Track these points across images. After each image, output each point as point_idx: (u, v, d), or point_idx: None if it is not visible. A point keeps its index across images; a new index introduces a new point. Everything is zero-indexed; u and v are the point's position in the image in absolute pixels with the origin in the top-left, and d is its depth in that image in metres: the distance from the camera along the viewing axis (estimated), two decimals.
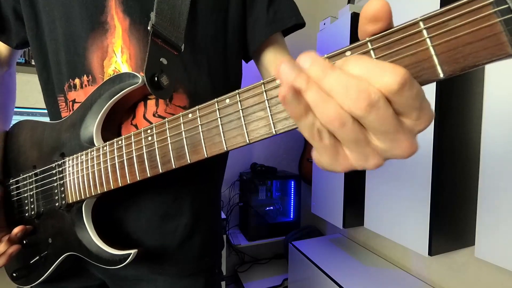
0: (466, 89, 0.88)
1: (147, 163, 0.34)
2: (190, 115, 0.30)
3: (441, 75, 0.18)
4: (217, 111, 0.28)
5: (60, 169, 0.43)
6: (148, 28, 0.40)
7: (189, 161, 0.31)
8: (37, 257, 0.46)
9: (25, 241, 0.45)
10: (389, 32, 0.19)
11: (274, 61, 0.52)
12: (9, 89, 0.57)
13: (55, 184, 0.43)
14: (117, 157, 0.37)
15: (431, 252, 0.89)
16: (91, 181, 0.39)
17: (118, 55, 0.42)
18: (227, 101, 0.27)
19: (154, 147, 0.33)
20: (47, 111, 0.50)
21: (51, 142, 0.45)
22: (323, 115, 0.18)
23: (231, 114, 0.27)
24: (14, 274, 0.46)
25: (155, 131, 0.33)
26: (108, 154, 0.38)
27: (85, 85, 0.43)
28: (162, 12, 0.40)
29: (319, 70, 0.18)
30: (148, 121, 0.42)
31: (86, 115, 0.41)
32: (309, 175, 1.63)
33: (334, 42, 1.32)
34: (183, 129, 0.31)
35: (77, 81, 0.44)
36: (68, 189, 0.42)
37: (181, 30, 0.42)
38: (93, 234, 0.40)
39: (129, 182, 0.36)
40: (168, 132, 0.32)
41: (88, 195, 0.39)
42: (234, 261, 1.87)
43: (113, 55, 0.42)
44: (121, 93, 0.39)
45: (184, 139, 0.31)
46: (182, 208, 0.46)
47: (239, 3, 0.49)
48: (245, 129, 0.26)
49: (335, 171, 0.21)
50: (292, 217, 1.84)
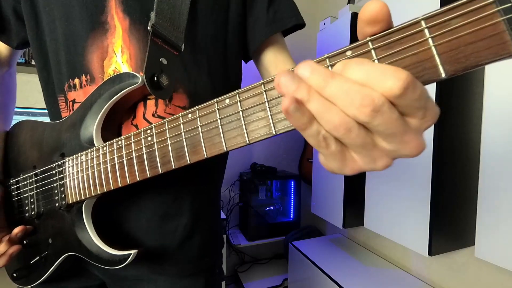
0: (466, 89, 0.88)
1: (146, 163, 0.34)
2: (190, 115, 0.30)
3: (443, 75, 0.18)
4: (216, 111, 0.28)
5: (60, 169, 0.43)
6: (148, 28, 0.39)
7: (189, 162, 0.30)
8: (37, 257, 0.46)
9: (26, 241, 0.45)
10: (390, 31, 0.19)
11: (274, 61, 0.52)
12: (10, 89, 0.57)
13: (55, 185, 0.43)
14: (116, 158, 0.37)
15: (431, 252, 0.89)
16: (91, 182, 0.39)
17: (118, 55, 0.42)
18: (226, 101, 0.27)
19: (154, 148, 0.33)
20: (48, 111, 0.50)
21: (51, 142, 0.45)
22: (328, 123, 0.18)
23: (231, 115, 0.27)
24: (15, 274, 0.46)
25: (154, 131, 0.33)
26: (108, 155, 0.37)
27: (84, 85, 0.43)
28: (162, 12, 0.40)
29: (319, 79, 0.18)
30: (148, 121, 0.42)
31: (86, 115, 0.41)
32: (309, 175, 1.63)
33: (334, 42, 1.32)
34: (182, 129, 0.31)
35: (76, 81, 0.44)
36: (68, 189, 0.42)
37: (181, 30, 0.42)
38: (93, 234, 0.40)
39: (129, 182, 0.36)
40: (168, 132, 0.32)
41: (88, 196, 0.39)
42: (234, 261, 1.87)
43: (113, 55, 0.42)
44: (121, 93, 0.39)
45: (184, 139, 0.31)
46: (182, 208, 0.46)
47: (239, 3, 0.49)
48: (245, 129, 0.26)
49: (344, 174, 0.21)
50: (292, 217, 1.84)
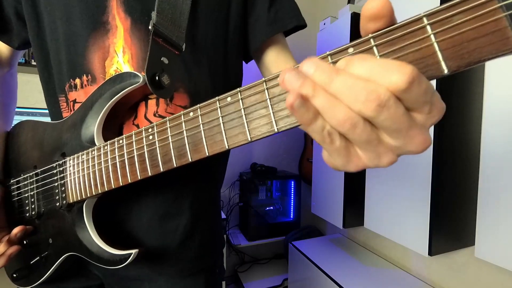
0: (466, 89, 0.88)
1: (148, 162, 0.34)
2: (191, 113, 0.30)
3: (445, 71, 0.18)
4: (218, 109, 0.28)
5: (61, 168, 0.42)
6: (149, 27, 0.40)
7: (190, 160, 0.30)
8: (37, 258, 0.45)
9: (26, 242, 0.45)
10: (392, 28, 0.19)
11: (276, 61, 0.52)
12: (11, 89, 0.57)
13: (56, 184, 0.43)
14: (118, 157, 0.37)
15: (431, 252, 0.89)
16: (92, 181, 0.39)
17: (120, 55, 0.42)
18: (228, 99, 0.27)
19: (155, 146, 0.33)
20: (48, 111, 0.50)
21: (52, 142, 0.45)
22: (333, 118, 0.18)
23: (232, 113, 0.27)
24: (15, 275, 0.46)
25: (156, 130, 0.33)
26: (109, 154, 0.37)
27: (85, 85, 0.43)
28: (163, 11, 0.40)
29: (324, 75, 0.18)
30: (149, 121, 0.42)
31: (87, 114, 0.41)
32: (309, 175, 1.63)
33: (334, 42, 1.33)
34: (184, 127, 0.31)
35: (77, 81, 0.44)
36: (69, 188, 0.41)
37: (182, 29, 0.42)
38: (93, 234, 0.40)
39: (130, 181, 0.36)
40: (169, 131, 0.32)
41: (89, 195, 0.39)
42: (234, 261, 1.87)
43: (114, 55, 0.42)
44: (122, 93, 0.39)
45: (186, 137, 0.31)
46: (182, 207, 0.46)
47: (240, 2, 0.49)
48: (246, 127, 0.26)
49: (348, 171, 0.21)
50: (292, 217, 1.84)
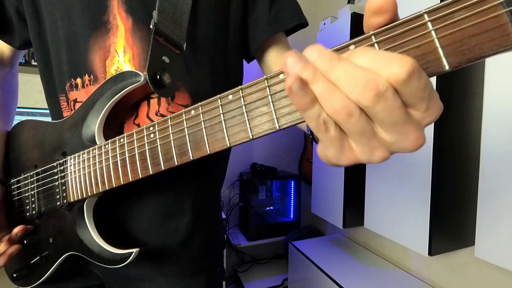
0: (466, 89, 0.88)
1: (149, 160, 0.34)
2: (193, 111, 0.30)
3: (446, 67, 0.18)
4: (219, 107, 0.28)
5: (62, 168, 0.42)
6: (150, 26, 0.40)
7: (191, 158, 0.30)
8: (37, 257, 0.45)
9: (26, 241, 0.45)
10: (393, 25, 0.19)
11: (277, 60, 0.52)
12: (12, 89, 0.57)
13: (57, 183, 0.43)
14: (119, 155, 0.37)
15: (431, 252, 0.89)
16: (93, 180, 0.39)
17: (121, 54, 0.42)
18: (230, 97, 0.27)
19: (157, 144, 0.33)
20: (49, 111, 0.50)
21: (52, 142, 0.45)
22: (329, 106, 0.18)
23: (234, 110, 0.27)
24: (15, 275, 0.45)
25: (157, 128, 0.33)
26: (110, 152, 0.37)
27: (87, 84, 0.43)
28: (164, 10, 0.40)
29: (326, 61, 0.18)
30: (151, 120, 0.42)
31: (88, 113, 0.41)
32: (309, 175, 1.63)
33: (334, 42, 1.32)
34: (185, 125, 0.31)
35: (78, 80, 0.44)
36: (70, 188, 0.41)
37: (183, 29, 0.42)
38: (94, 233, 0.40)
39: (131, 180, 0.36)
40: (171, 129, 0.32)
41: (90, 194, 0.39)
42: (234, 261, 1.87)
43: (115, 54, 0.42)
44: (123, 92, 0.39)
45: (187, 135, 0.31)
46: (183, 206, 0.46)
47: (241, 2, 0.49)
48: (248, 124, 0.26)
49: (339, 165, 0.21)
50: (292, 217, 1.84)
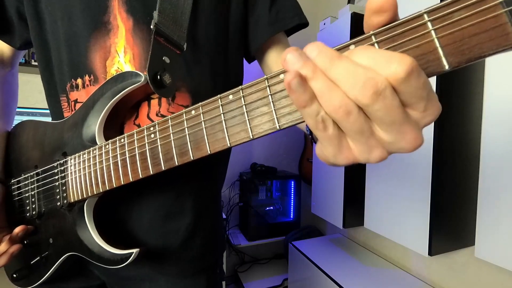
0: (466, 89, 0.88)
1: (149, 160, 0.34)
2: (193, 111, 0.30)
3: (446, 67, 0.18)
4: (220, 107, 0.28)
5: (62, 168, 0.42)
6: (151, 27, 0.40)
7: (192, 158, 0.30)
8: (37, 258, 0.45)
9: (26, 241, 0.45)
10: (393, 25, 0.19)
11: (277, 61, 0.52)
12: (12, 89, 0.57)
13: (57, 184, 0.43)
14: (119, 155, 0.37)
15: (431, 252, 0.89)
16: (93, 180, 0.39)
17: (121, 55, 0.42)
18: (230, 97, 0.27)
19: (157, 144, 0.33)
20: (50, 111, 0.50)
21: (53, 142, 0.45)
22: (328, 103, 0.18)
23: (234, 110, 0.27)
24: (15, 275, 0.45)
25: (158, 128, 0.33)
26: (111, 152, 0.37)
27: (87, 85, 0.43)
28: (165, 11, 0.40)
29: (326, 59, 0.18)
30: (151, 120, 0.42)
31: (89, 114, 0.41)
32: (309, 175, 1.63)
33: (334, 42, 1.32)
34: (186, 125, 0.31)
35: (79, 81, 0.44)
36: (70, 188, 0.41)
37: (184, 29, 0.42)
38: (94, 233, 0.40)
39: (131, 180, 0.36)
40: (171, 129, 0.32)
41: (90, 194, 0.39)
42: (234, 261, 1.87)
43: (115, 55, 0.42)
44: (123, 92, 0.39)
45: (187, 135, 0.31)
46: (184, 206, 0.46)
47: (241, 2, 0.49)
48: (248, 124, 0.26)
49: (337, 164, 0.21)
50: (292, 217, 1.84)
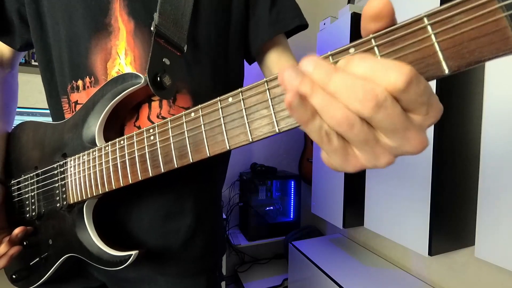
0: (466, 89, 0.88)
1: (149, 162, 0.34)
2: (193, 114, 0.30)
3: (446, 71, 0.18)
4: (219, 110, 0.28)
5: (62, 169, 0.42)
6: (151, 28, 0.40)
7: (191, 160, 0.31)
8: (37, 259, 0.45)
9: (26, 242, 0.45)
10: (393, 28, 0.19)
11: (277, 62, 0.52)
12: (12, 90, 0.57)
13: (57, 185, 0.43)
14: (119, 157, 0.37)
15: (431, 252, 0.89)
16: (93, 181, 0.39)
17: (122, 57, 0.42)
18: (229, 99, 0.27)
19: (156, 147, 0.33)
20: (50, 112, 0.50)
21: (53, 143, 0.45)
22: (330, 118, 0.18)
23: (234, 113, 0.27)
24: (14, 276, 0.45)
25: (157, 130, 0.33)
26: (110, 154, 0.37)
27: (88, 86, 0.43)
28: (165, 12, 0.40)
29: (322, 73, 0.18)
30: (152, 122, 0.42)
31: (89, 115, 0.41)
32: (309, 175, 1.63)
33: (334, 42, 1.33)
34: (185, 128, 0.31)
35: (80, 82, 0.44)
36: (70, 189, 0.41)
37: (184, 31, 0.42)
38: (93, 235, 0.40)
39: (131, 182, 0.36)
40: (171, 131, 0.32)
41: (90, 195, 0.39)
42: (234, 261, 1.87)
43: (116, 57, 0.42)
44: (123, 93, 0.39)
45: (187, 138, 0.31)
46: (184, 207, 0.46)
47: (242, 3, 0.49)
48: (248, 127, 0.26)
49: (346, 171, 0.21)
50: (292, 217, 1.84)
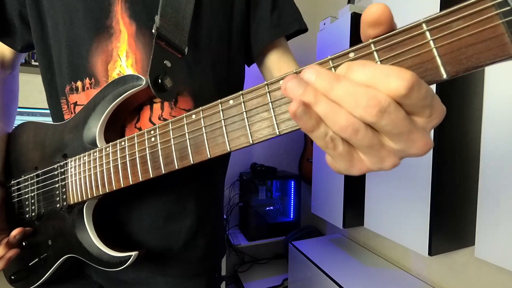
0: (466, 89, 0.88)
1: (150, 163, 0.34)
2: (194, 116, 0.30)
3: (444, 76, 0.18)
4: (220, 112, 0.28)
5: (62, 170, 0.43)
6: (153, 31, 0.40)
7: (192, 162, 0.31)
8: (36, 259, 0.45)
9: (25, 243, 0.45)
10: (392, 34, 0.19)
11: (278, 64, 0.52)
12: (12, 91, 0.57)
13: (57, 185, 0.43)
14: (119, 158, 0.37)
15: (431, 252, 0.89)
16: (93, 182, 0.39)
17: (123, 59, 0.42)
18: (230, 102, 0.27)
19: (157, 148, 0.33)
20: (50, 113, 0.50)
21: (53, 144, 0.45)
22: (335, 124, 0.19)
23: (234, 115, 0.27)
24: (13, 277, 0.45)
25: (158, 132, 0.34)
26: (111, 155, 0.38)
27: (87, 87, 0.43)
28: (167, 15, 0.41)
29: (325, 82, 0.18)
30: (153, 124, 0.42)
31: (89, 116, 0.41)
32: (309, 175, 1.63)
33: (334, 42, 1.33)
34: (186, 130, 0.31)
35: (79, 83, 0.44)
36: (70, 190, 0.42)
37: (185, 33, 0.42)
38: (93, 235, 0.40)
39: (131, 183, 0.36)
40: (172, 133, 0.32)
41: (90, 196, 0.39)
42: (234, 261, 1.87)
43: (117, 59, 0.42)
44: (124, 95, 0.39)
45: (188, 140, 0.31)
46: (186, 208, 0.46)
47: (243, 6, 0.49)
48: (248, 129, 0.26)
49: (351, 175, 0.22)
50: (292, 217, 1.84)
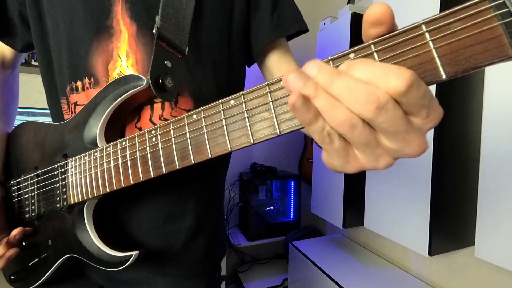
0: (466, 89, 0.88)
1: (150, 163, 0.34)
2: (195, 116, 0.30)
3: (443, 76, 0.18)
4: (221, 112, 0.28)
5: (63, 170, 0.43)
6: (153, 31, 0.40)
7: (193, 162, 0.31)
8: (36, 259, 0.45)
9: (25, 243, 0.45)
10: (392, 35, 0.20)
11: (278, 64, 0.52)
12: (13, 91, 0.57)
13: (57, 185, 0.43)
14: (120, 158, 0.37)
15: (431, 252, 0.89)
16: (94, 182, 0.39)
17: (123, 59, 0.42)
18: (231, 102, 0.27)
19: (158, 148, 0.33)
20: (50, 113, 0.50)
21: (54, 143, 0.45)
22: (332, 119, 0.19)
23: (235, 115, 0.27)
24: (13, 277, 0.45)
25: (159, 131, 0.34)
26: (112, 155, 0.38)
27: (87, 87, 0.44)
28: (167, 15, 0.41)
29: (326, 76, 0.19)
30: (154, 124, 0.43)
31: (90, 116, 0.41)
32: (309, 175, 1.63)
33: (334, 42, 1.33)
34: (187, 129, 0.31)
35: (79, 83, 0.44)
36: (70, 190, 0.42)
37: (185, 33, 0.42)
38: (93, 235, 0.40)
39: (132, 183, 0.36)
40: (173, 133, 0.32)
41: (90, 196, 0.39)
42: (234, 261, 1.87)
43: (118, 59, 0.42)
44: (125, 95, 0.39)
45: (189, 139, 0.31)
46: (186, 207, 0.46)
47: (243, 7, 0.49)
48: (249, 129, 0.26)
49: (346, 172, 0.22)
50: (292, 217, 1.84)
